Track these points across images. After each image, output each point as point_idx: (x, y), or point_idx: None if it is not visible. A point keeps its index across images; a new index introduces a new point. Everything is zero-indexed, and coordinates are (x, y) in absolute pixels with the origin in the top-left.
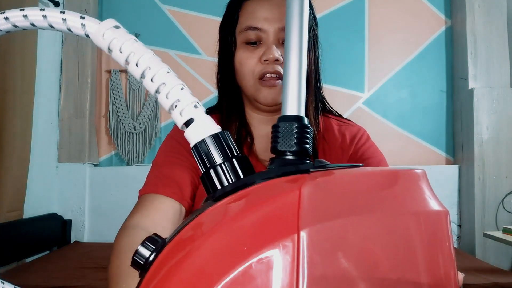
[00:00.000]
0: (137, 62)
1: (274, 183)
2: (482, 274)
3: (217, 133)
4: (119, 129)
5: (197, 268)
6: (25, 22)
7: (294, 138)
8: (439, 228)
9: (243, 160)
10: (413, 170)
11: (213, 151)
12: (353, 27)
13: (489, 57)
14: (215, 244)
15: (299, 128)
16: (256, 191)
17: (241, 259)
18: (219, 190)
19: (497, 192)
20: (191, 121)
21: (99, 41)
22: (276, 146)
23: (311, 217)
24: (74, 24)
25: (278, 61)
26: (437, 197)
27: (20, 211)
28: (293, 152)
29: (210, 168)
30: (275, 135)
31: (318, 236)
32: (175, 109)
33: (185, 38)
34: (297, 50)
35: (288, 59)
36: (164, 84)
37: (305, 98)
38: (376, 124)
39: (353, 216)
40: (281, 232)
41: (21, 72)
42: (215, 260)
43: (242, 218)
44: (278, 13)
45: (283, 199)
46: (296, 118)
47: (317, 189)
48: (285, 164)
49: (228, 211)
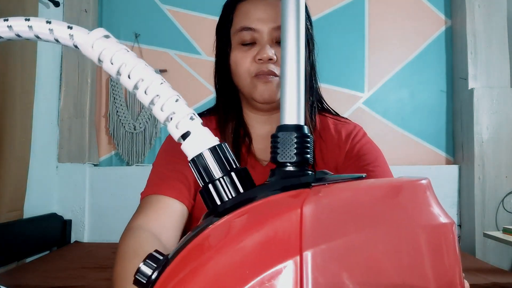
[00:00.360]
0: (129, 73)
1: (275, 200)
2: (482, 274)
3: (214, 146)
4: (119, 129)
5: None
6: (10, 33)
7: (294, 149)
8: (446, 241)
9: (242, 173)
10: (418, 181)
11: (211, 165)
12: (353, 27)
13: (489, 57)
14: (217, 267)
15: (299, 137)
16: (257, 209)
17: (243, 283)
18: (219, 206)
19: (497, 192)
20: (188, 134)
21: (89, 52)
22: (276, 157)
23: (313, 237)
24: (61, 35)
25: (272, 60)
26: (442, 207)
27: (20, 211)
28: (293, 163)
29: (209, 183)
30: (275, 145)
31: (321, 257)
32: (171, 122)
33: (185, 38)
34: (294, 57)
35: (285, 66)
36: (158, 96)
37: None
38: (376, 124)
39: (357, 234)
40: (284, 254)
41: (21, 72)
42: (217, 284)
43: (243, 240)
44: (272, 13)
45: (285, 218)
46: (295, 128)
47: (319, 207)
48: (286, 177)
49: (229, 232)
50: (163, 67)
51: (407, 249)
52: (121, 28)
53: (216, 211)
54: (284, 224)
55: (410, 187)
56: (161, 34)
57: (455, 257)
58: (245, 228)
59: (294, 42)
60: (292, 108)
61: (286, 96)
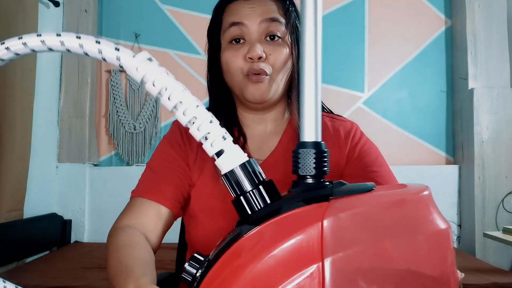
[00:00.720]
0: (169, 96)
1: (299, 213)
2: (482, 274)
3: (244, 162)
4: (119, 129)
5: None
6: (62, 47)
7: (313, 163)
8: (443, 244)
9: (269, 185)
10: (420, 193)
11: (242, 180)
12: (353, 27)
13: (489, 57)
14: (254, 270)
15: (317, 154)
16: (284, 222)
17: (276, 284)
18: (250, 215)
19: (497, 192)
20: (222, 152)
21: (133, 74)
22: (297, 170)
23: (332, 246)
24: (109, 55)
25: (261, 58)
26: (440, 213)
27: (20, 211)
28: (313, 176)
29: (240, 195)
30: (296, 160)
31: (339, 262)
32: (206, 141)
33: (185, 38)
34: (313, 81)
35: (303, 89)
36: (195, 117)
37: (290, 95)
38: (376, 124)
39: (369, 243)
40: (308, 261)
41: (21, 72)
42: (255, 284)
43: (274, 249)
44: (259, 8)
45: (308, 231)
46: (314, 145)
47: (336, 220)
48: (306, 189)
49: (263, 240)
50: (163, 67)
51: (412, 253)
52: (121, 28)
53: (248, 220)
54: (308, 235)
55: (413, 200)
56: (161, 34)
57: (450, 255)
58: (275, 238)
59: (313, 64)
60: (310, 127)
61: (305, 116)
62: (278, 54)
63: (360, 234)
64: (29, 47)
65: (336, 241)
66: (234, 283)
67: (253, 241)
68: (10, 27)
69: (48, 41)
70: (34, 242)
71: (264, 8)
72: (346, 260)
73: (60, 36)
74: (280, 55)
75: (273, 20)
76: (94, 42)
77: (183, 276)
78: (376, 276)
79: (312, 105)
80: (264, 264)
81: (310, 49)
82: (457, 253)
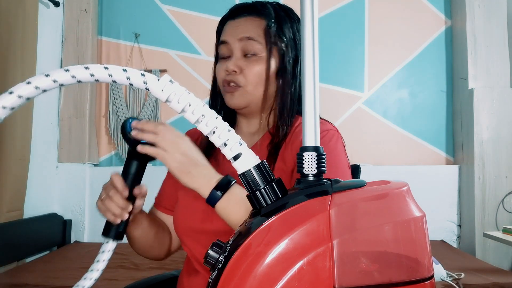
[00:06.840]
0: (193, 111)
1: (308, 204)
2: (482, 274)
3: (258, 163)
4: (119, 129)
5: (267, 268)
6: (91, 79)
7: (315, 164)
8: (418, 228)
9: (279, 183)
10: (400, 188)
11: (257, 178)
12: (353, 27)
13: (489, 57)
14: (277, 251)
15: (317, 156)
16: (296, 212)
17: (296, 261)
18: (264, 208)
19: (497, 192)
20: (239, 155)
21: (159, 94)
22: (302, 170)
23: (339, 230)
24: (136, 81)
25: (235, 72)
26: (417, 204)
27: (20, 211)
28: (314, 174)
29: (256, 191)
30: (300, 161)
31: (345, 243)
32: (226, 147)
33: (185, 38)
34: (312, 94)
35: (305, 101)
36: (216, 127)
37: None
38: (376, 124)
39: (366, 227)
40: (320, 242)
41: (21, 72)
42: (279, 261)
43: (292, 233)
44: (241, 27)
45: (318, 218)
46: (314, 148)
47: (340, 209)
48: (310, 185)
49: (280, 229)
50: (163, 67)
51: (396, 234)
52: (121, 28)
53: (263, 211)
54: (318, 222)
55: (394, 194)
56: (161, 34)
57: (424, 238)
58: (292, 225)
59: (311, 77)
60: (311, 133)
61: (306, 124)
62: (250, 69)
63: (358, 220)
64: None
65: (340, 226)
66: (261, 261)
67: (272, 228)
68: (10, 27)
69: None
70: (34, 242)
71: (244, 28)
72: (348, 241)
73: (89, 69)
74: (252, 70)
75: (249, 38)
76: (121, 70)
77: (207, 259)
78: (369, 254)
79: (312, 113)
80: (284, 246)
81: (309, 69)
82: (457, 253)
